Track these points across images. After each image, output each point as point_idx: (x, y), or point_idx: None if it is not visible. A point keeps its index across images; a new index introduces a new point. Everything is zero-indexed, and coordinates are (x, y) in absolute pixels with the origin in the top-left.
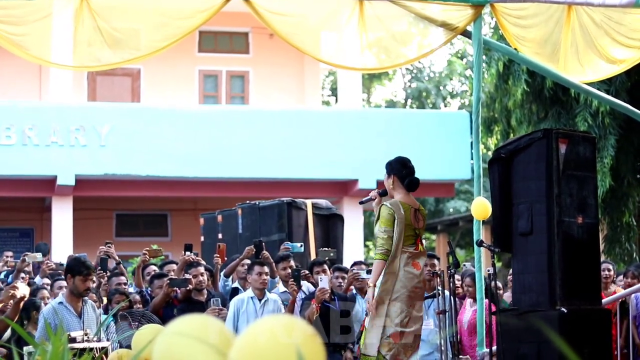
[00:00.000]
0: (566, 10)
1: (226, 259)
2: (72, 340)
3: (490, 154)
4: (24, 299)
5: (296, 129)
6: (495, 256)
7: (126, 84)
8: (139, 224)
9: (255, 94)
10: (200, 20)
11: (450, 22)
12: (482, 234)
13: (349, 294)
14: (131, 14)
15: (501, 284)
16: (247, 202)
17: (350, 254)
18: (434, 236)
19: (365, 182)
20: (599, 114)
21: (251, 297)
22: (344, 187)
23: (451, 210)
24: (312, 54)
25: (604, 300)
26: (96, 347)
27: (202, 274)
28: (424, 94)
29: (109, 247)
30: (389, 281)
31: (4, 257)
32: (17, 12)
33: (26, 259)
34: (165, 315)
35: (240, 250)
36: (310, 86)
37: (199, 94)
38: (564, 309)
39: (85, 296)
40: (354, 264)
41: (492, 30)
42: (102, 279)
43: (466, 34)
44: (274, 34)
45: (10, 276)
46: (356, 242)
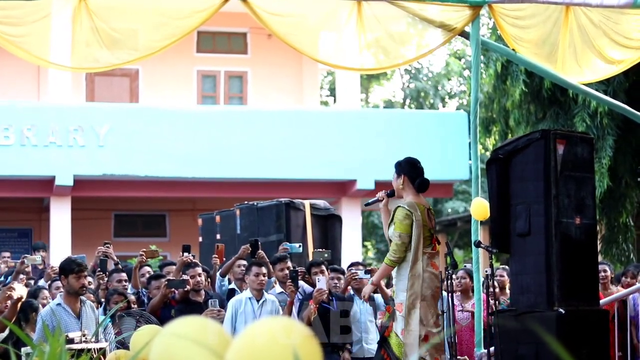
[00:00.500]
0: (564, 10)
1: (224, 259)
2: (70, 341)
3: (488, 154)
4: (21, 300)
5: (294, 129)
6: (493, 257)
7: (125, 84)
8: (137, 225)
9: (253, 94)
10: (198, 20)
11: (448, 23)
12: (480, 234)
13: (347, 295)
14: (129, 15)
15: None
16: (246, 202)
17: (348, 255)
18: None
19: (363, 183)
20: (597, 114)
21: (249, 298)
22: (342, 188)
23: (449, 210)
24: (310, 55)
25: (601, 300)
26: (94, 348)
27: (199, 275)
28: (422, 94)
29: (108, 247)
30: (416, 284)
31: (2, 257)
32: (16, 13)
33: (25, 261)
34: (162, 315)
35: (238, 250)
36: (308, 86)
37: (198, 94)
38: (562, 310)
39: (82, 294)
40: (352, 265)
41: (490, 30)
42: (101, 280)
43: (464, 34)
44: (272, 34)
45: (9, 277)
46: (354, 242)
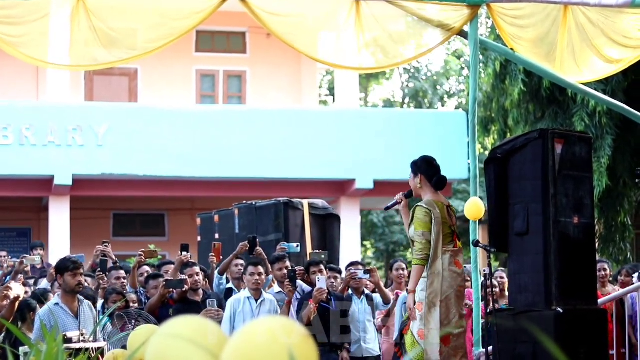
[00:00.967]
0: (562, 10)
1: (222, 257)
2: (69, 340)
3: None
4: (19, 300)
5: (293, 128)
6: (491, 256)
7: (123, 83)
8: (136, 224)
9: (252, 93)
10: (196, 20)
11: (446, 23)
12: (478, 234)
13: (346, 294)
14: (127, 14)
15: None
16: (244, 202)
17: (347, 254)
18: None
19: (362, 182)
20: (596, 113)
21: (247, 298)
22: (341, 187)
23: None
24: (308, 54)
25: (600, 300)
26: (92, 348)
27: (197, 274)
28: (421, 93)
29: (106, 246)
30: (435, 282)
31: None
32: (14, 12)
33: (24, 261)
34: (161, 315)
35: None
36: (307, 86)
37: (196, 93)
38: (560, 309)
39: (78, 292)
40: (350, 265)
41: (490, 30)
42: (101, 281)
43: (463, 34)
44: (271, 34)
45: (7, 277)
46: (353, 242)
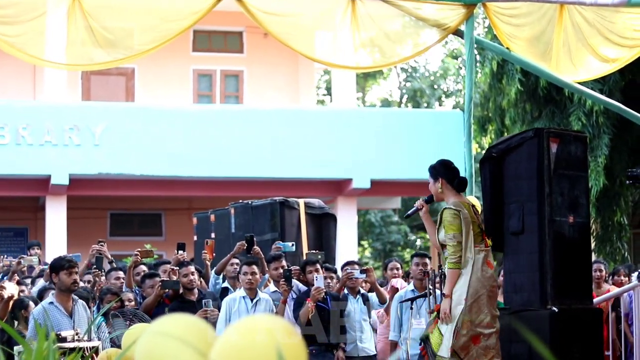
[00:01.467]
0: (558, 9)
1: (214, 254)
2: (63, 339)
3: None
4: (12, 299)
5: (290, 128)
6: None
7: (120, 83)
8: (133, 224)
9: (249, 93)
10: (192, 20)
11: (442, 22)
12: None
13: (342, 294)
14: (123, 14)
15: None
16: (240, 201)
17: (344, 254)
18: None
19: (359, 182)
20: (592, 113)
21: (243, 297)
22: (338, 187)
23: None
24: (305, 54)
25: (595, 299)
26: (86, 347)
27: (192, 273)
28: (419, 93)
29: (102, 245)
30: (463, 281)
31: None
32: (11, 12)
33: (22, 261)
34: (156, 314)
35: (233, 249)
36: (304, 85)
37: (193, 93)
38: (555, 308)
39: (73, 290)
40: (346, 264)
41: (487, 29)
42: (97, 278)
43: (459, 33)
44: (268, 33)
45: (4, 277)
46: (350, 241)
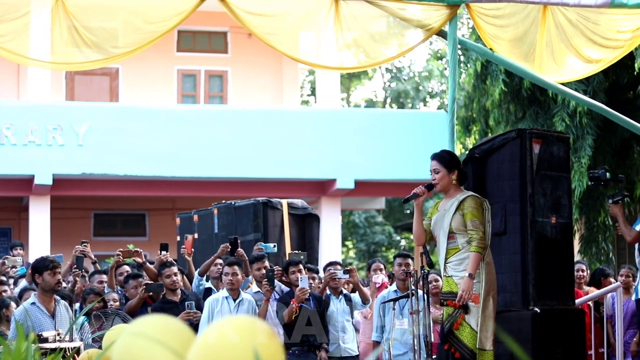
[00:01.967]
0: (542, 10)
1: (197, 253)
2: (44, 340)
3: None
4: None
5: (275, 128)
6: None
7: (104, 83)
8: (116, 224)
9: (234, 93)
10: (176, 21)
11: (426, 22)
12: None
13: (324, 294)
14: (106, 15)
15: None
16: (223, 201)
17: (328, 254)
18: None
19: (343, 182)
20: (576, 114)
21: (226, 297)
22: (322, 187)
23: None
24: (288, 54)
25: (577, 300)
26: (68, 347)
27: (175, 274)
28: (404, 94)
29: (85, 246)
30: (491, 272)
31: None
32: None
33: (6, 262)
34: (139, 314)
35: (216, 249)
36: (288, 86)
37: (178, 93)
38: (537, 309)
39: (58, 291)
40: (329, 264)
41: (471, 30)
42: (77, 277)
43: (442, 33)
44: (251, 34)
45: None
46: (334, 242)
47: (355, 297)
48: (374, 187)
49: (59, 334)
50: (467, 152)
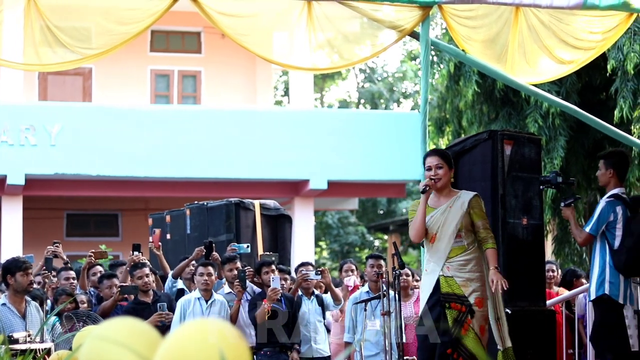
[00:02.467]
0: (514, 11)
1: (160, 243)
2: (15, 341)
3: None
4: None
5: (248, 129)
6: None
7: (77, 83)
8: (89, 224)
9: (207, 93)
10: (149, 22)
11: (398, 23)
12: None
13: (296, 295)
14: (79, 15)
15: None
16: (195, 202)
17: (301, 255)
18: (385, 236)
19: (316, 183)
20: (549, 115)
21: (198, 298)
22: (295, 188)
23: (404, 210)
24: (261, 55)
25: (548, 301)
26: (38, 348)
27: (147, 275)
28: (377, 94)
29: (57, 246)
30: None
31: None
32: None
33: None
34: (111, 316)
35: (188, 250)
36: (262, 86)
37: (151, 93)
38: (508, 310)
39: (30, 291)
40: (301, 265)
41: (444, 31)
42: (46, 279)
43: (414, 34)
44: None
45: None
46: (307, 242)
47: (327, 297)
48: (347, 188)
49: (29, 335)
50: None
